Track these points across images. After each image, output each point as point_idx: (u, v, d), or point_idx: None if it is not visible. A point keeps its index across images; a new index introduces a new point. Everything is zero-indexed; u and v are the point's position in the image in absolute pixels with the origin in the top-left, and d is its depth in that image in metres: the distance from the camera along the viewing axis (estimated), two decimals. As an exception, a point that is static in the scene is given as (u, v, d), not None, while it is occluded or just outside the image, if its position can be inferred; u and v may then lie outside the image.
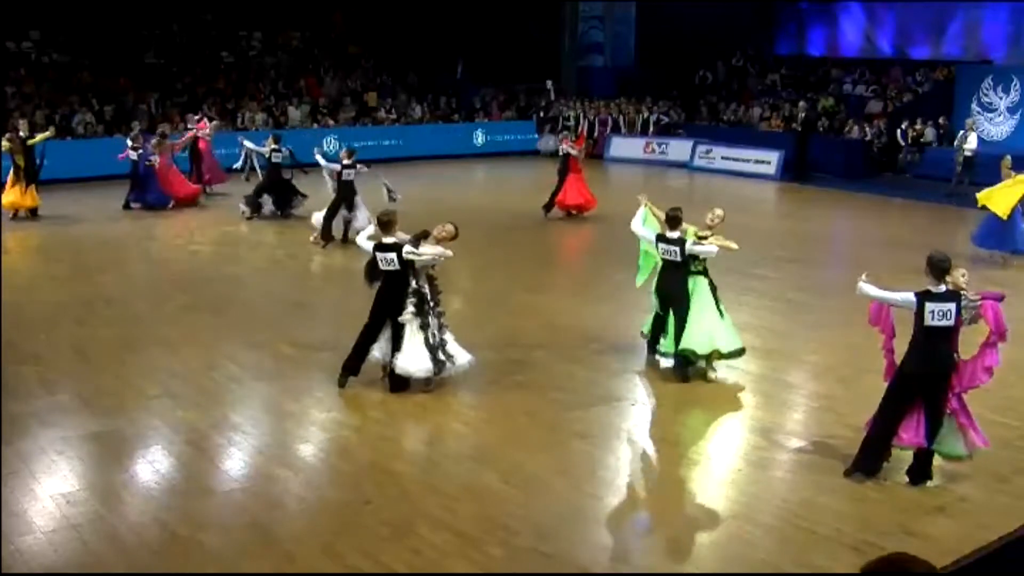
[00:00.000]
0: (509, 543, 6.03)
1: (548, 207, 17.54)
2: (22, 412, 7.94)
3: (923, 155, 23.42)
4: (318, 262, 13.99)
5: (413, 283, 8.46)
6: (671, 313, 9.06)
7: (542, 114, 27.79)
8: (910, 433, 6.86)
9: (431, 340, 8.45)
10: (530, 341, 10.11)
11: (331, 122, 25.05)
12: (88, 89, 23.14)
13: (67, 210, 17.13)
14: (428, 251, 8.44)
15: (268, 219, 16.69)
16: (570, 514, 6.44)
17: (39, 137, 17.16)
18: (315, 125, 24.71)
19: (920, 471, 6.89)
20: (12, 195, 16.34)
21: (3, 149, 16.36)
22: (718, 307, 9.07)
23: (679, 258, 8.97)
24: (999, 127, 23.74)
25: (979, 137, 21.05)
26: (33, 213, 16.50)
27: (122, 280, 12.74)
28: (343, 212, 14.67)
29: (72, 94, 22.77)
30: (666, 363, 9.19)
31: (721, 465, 7.32)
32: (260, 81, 25.80)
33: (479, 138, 26.84)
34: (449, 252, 8.54)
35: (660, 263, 9.22)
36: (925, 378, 6.76)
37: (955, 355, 6.83)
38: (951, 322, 6.64)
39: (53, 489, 6.64)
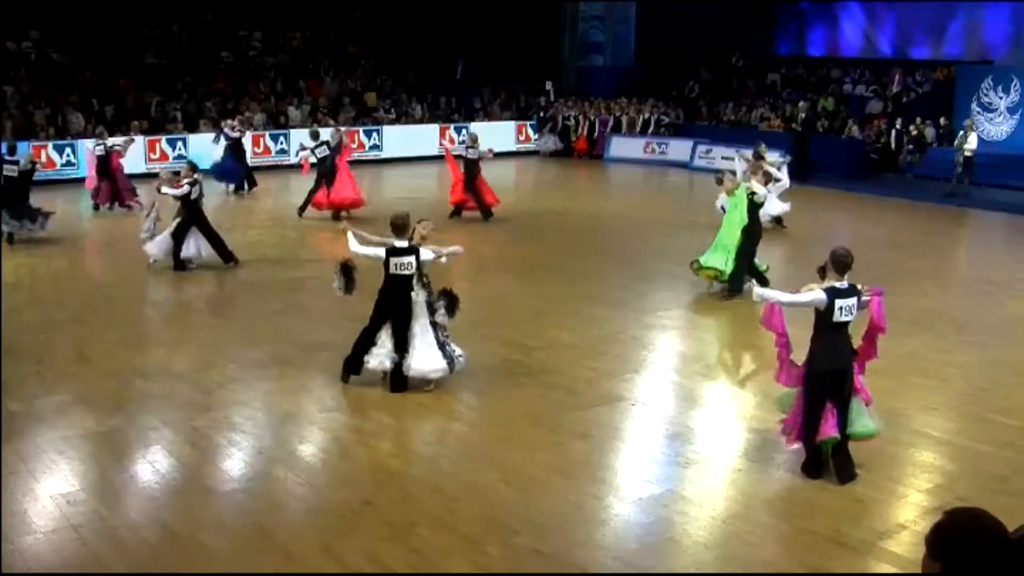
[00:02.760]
0: (509, 543, 6.03)
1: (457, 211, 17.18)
2: (22, 412, 7.94)
3: (923, 155, 23.42)
4: (318, 263, 13.97)
5: (426, 283, 8.55)
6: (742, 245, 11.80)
7: (542, 114, 27.79)
8: (825, 426, 6.88)
9: (441, 338, 8.49)
10: (530, 341, 10.11)
11: (331, 122, 25.05)
12: (88, 89, 23.15)
13: (67, 210, 17.13)
14: (446, 250, 8.64)
15: (274, 223, 16.67)
16: (570, 514, 6.44)
17: None
18: (315, 125, 24.71)
19: (842, 467, 6.89)
20: None
21: None
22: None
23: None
24: (999, 127, 23.73)
25: (979, 137, 21.06)
26: None
27: (122, 280, 12.73)
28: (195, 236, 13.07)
29: (72, 94, 22.78)
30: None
31: (721, 465, 7.32)
32: (260, 81, 25.80)
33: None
34: (460, 248, 8.81)
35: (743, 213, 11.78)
36: (836, 374, 6.86)
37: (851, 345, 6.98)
38: (853, 316, 6.84)
39: (53, 489, 6.64)
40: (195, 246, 13.10)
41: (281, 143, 23.86)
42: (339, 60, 27.90)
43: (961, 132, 20.63)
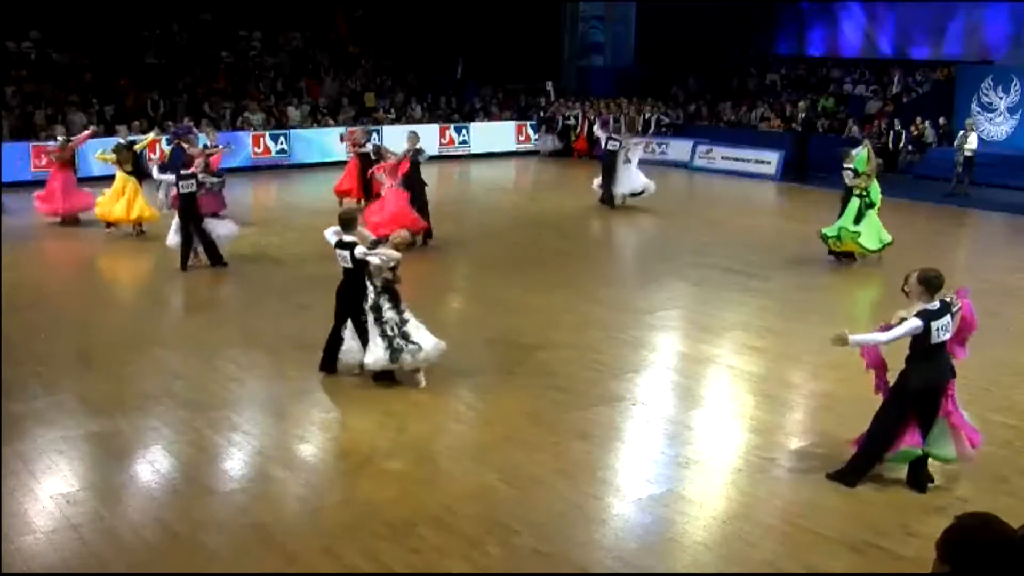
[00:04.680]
0: (509, 543, 6.04)
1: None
2: (22, 412, 7.94)
3: (923, 155, 23.41)
4: (318, 264, 13.97)
5: (368, 283, 8.62)
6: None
7: (542, 114, 27.80)
8: (909, 437, 6.83)
9: (389, 332, 8.53)
10: (530, 341, 10.11)
11: (331, 122, 25.06)
12: (88, 89, 23.15)
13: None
14: (378, 252, 8.58)
15: (274, 223, 16.63)
16: (570, 514, 6.44)
17: (144, 140, 16.37)
18: (315, 125, 24.72)
19: (918, 478, 6.87)
20: (120, 206, 14.85)
21: (110, 160, 15.12)
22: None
23: None
24: (999, 127, 23.73)
25: (979, 137, 21.05)
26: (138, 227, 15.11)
27: (123, 280, 12.73)
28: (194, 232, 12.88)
29: (72, 94, 22.78)
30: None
31: (721, 465, 7.32)
32: (260, 81, 25.80)
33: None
34: (397, 254, 8.63)
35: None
36: (932, 392, 6.73)
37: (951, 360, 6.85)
38: (950, 333, 6.69)
39: (53, 489, 6.65)
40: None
41: (281, 143, 23.85)
42: (339, 60, 27.89)
43: (961, 132, 20.62)
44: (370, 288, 8.61)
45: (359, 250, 8.56)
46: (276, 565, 5.77)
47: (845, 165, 14.12)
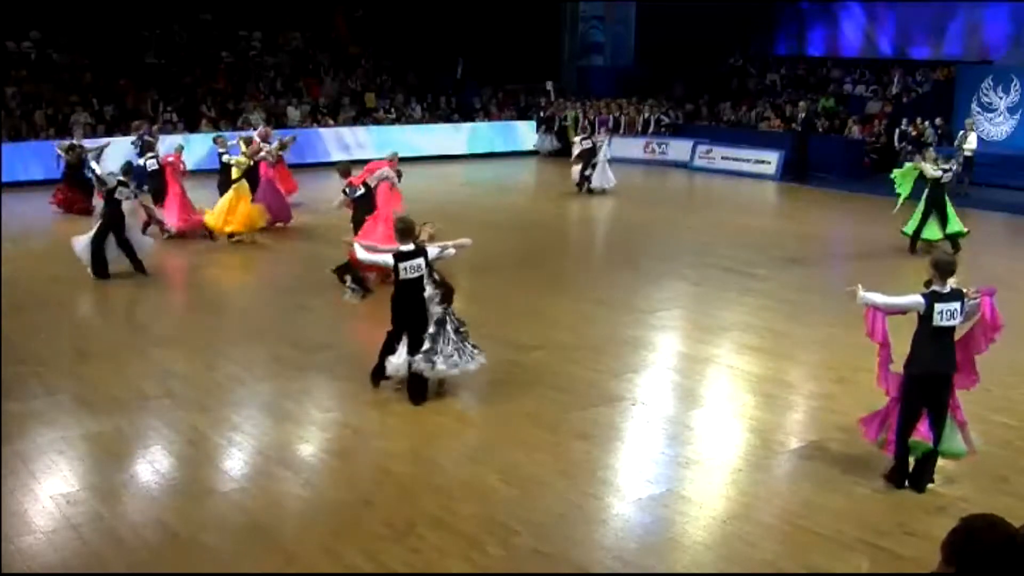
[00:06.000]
0: (509, 543, 6.04)
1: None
2: (22, 412, 7.94)
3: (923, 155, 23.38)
4: (318, 264, 13.98)
5: (437, 280, 8.36)
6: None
7: (542, 114, 27.80)
8: (921, 427, 6.84)
9: (450, 335, 8.32)
10: (530, 341, 10.11)
11: (331, 122, 25.07)
12: (88, 89, 23.15)
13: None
14: (452, 243, 8.44)
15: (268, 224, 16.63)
16: (570, 514, 6.44)
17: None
18: (315, 125, 24.72)
19: (921, 475, 6.86)
20: (238, 217, 14.37)
21: (237, 165, 14.41)
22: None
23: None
24: (999, 127, 23.74)
25: (979, 137, 21.05)
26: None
27: (122, 280, 12.72)
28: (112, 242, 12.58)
29: (72, 94, 22.78)
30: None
31: (721, 465, 7.32)
32: (260, 81, 25.81)
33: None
34: (468, 240, 8.63)
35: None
36: (935, 379, 6.74)
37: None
38: (956, 321, 6.70)
39: (53, 489, 6.65)
40: (116, 248, 12.65)
41: (281, 143, 23.82)
42: (339, 60, 27.89)
43: (961, 132, 20.62)
44: (433, 288, 8.25)
45: (433, 250, 8.24)
46: (276, 565, 5.77)
47: (941, 166, 15.19)
